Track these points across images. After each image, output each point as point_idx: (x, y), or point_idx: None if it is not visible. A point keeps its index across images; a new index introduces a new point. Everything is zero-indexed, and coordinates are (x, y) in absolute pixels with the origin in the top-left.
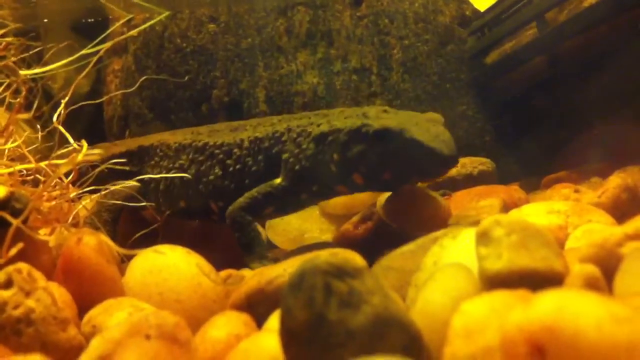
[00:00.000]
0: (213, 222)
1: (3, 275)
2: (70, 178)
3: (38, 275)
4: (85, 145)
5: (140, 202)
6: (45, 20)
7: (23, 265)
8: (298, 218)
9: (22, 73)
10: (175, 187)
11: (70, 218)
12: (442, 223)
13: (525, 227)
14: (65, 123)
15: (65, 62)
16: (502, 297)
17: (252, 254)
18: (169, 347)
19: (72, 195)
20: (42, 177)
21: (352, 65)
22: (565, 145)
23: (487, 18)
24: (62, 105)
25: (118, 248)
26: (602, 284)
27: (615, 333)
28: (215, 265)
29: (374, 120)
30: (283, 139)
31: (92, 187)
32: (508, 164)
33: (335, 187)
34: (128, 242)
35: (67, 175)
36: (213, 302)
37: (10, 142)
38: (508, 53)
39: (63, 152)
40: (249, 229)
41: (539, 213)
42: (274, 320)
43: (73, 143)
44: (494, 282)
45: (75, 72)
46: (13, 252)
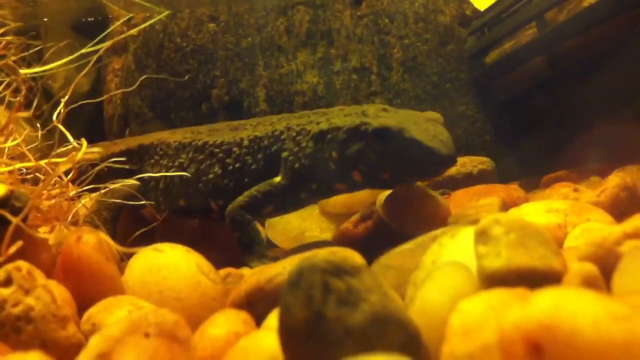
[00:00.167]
0: (212, 220)
1: (3, 273)
2: (70, 176)
3: (37, 273)
4: (85, 144)
5: (140, 200)
6: (46, 19)
7: (22, 263)
8: (298, 217)
9: (22, 72)
10: (175, 185)
11: (70, 216)
12: (441, 222)
13: (524, 225)
14: (65, 122)
15: (65, 61)
16: (500, 295)
17: (251, 253)
18: (168, 345)
19: (71, 194)
20: (41, 175)
21: (352, 65)
22: (565, 145)
23: (487, 18)
24: (62, 104)
25: (117, 246)
26: (600, 283)
27: (613, 331)
28: (215, 264)
29: (373, 119)
30: (282, 138)
31: (91, 185)
32: (508, 163)
33: (335, 185)
34: (127, 240)
35: (66, 174)
36: (212, 300)
37: (10, 140)
38: (508, 53)
39: (63, 150)
40: (249, 228)
41: (538, 212)
42: (273, 319)
43: (73, 142)
44: (493, 280)
45: (75, 71)
46: (12, 250)
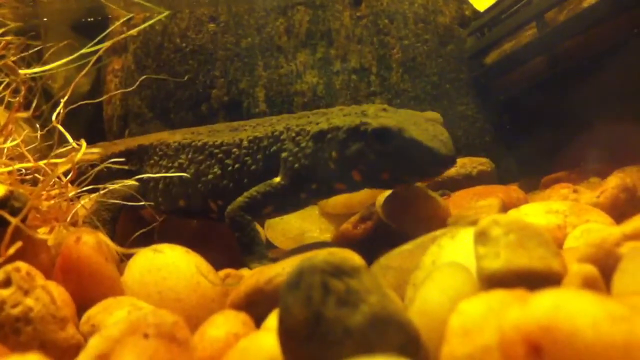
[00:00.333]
0: (212, 221)
1: (2, 274)
2: (69, 177)
3: (37, 274)
4: (84, 145)
5: (139, 201)
6: (45, 20)
7: (22, 264)
8: (297, 218)
9: (21, 72)
10: (175, 186)
11: (69, 217)
12: (440, 223)
13: (523, 226)
14: (65, 122)
15: (65, 61)
16: (499, 296)
17: (251, 254)
18: (168, 346)
19: (71, 195)
20: (41, 176)
21: (351, 65)
22: (565, 146)
23: (486, 18)
24: (61, 105)
25: (117, 247)
26: (600, 284)
27: (612, 332)
28: (214, 265)
29: (373, 119)
30: (282, 138)
31: (91, 186)
32: (507, 164)
33: (334, 185)
34: (127, 241)
35: (66, 174)
36: (212, 301)
37: (10, 141)
38: (507, 53)
39: (62, 151)
40: (248, 229)
41: (538, 213)
42: (273, 320)
43: (72, 142)
44: (492, 281)
45: (75, 71)
46: (12, 251)
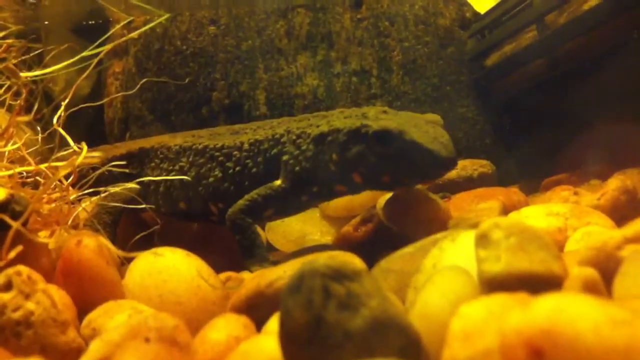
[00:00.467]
0: (213, 224)
1: (3, 278)
2: (70, 180)
3: (38, 278)
4: (85, 148)
5: (140, 204)
6: (46, 23)
7: (23, 268)
8: (298, 220)
9: (22, 75)
10: (176, 189)
11: (70, 220)
12: (441, 225)
13: (524, 229)
14: (66, 125)
15: (66, 64)
16: (500, 300)
17: (252, 257)
18: (169, 349)
19: (72, 198)
20: (42, 179)
21: (352, 68)
22: (565, 147)
23: (487, 20)
24: (62, 107)
25: (118, 250)
26: (601, 287)
27: (614, 336)
28: (215, 268)
29: (374, 121)
30: (282, 141)
31: (92, 189)
32: (508, 166)
33: (335, 187)
34: (128, 244)
35: (67, 178)
36: (213, 304)
37: (11, 144)
38: (508, 55)
39: (63, 154)
40: (249, 232)
41: (538, 215)
42: (274, 323)
43: (73, 145)
44: (493, 284)
45: (76, 74)
46: (13, 254)
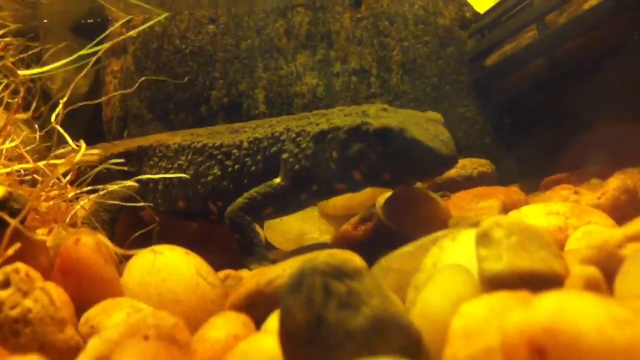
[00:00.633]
0: (212, 222)
1: (1, 275)
2: (68, 178)
3: (36, 276)
4: (84, 146)
5: (139, 202)
6: (45, 21)
7: (21, 265)
8: (297, 219)
9: (20, 73)
10: (174, 187)
11: (68, 218)
12: (441, 224)
13: (525, 228)
14: (64, 123)
15: (64, 62)
16: (502, 298)
17: (251, 255)
18: (168, 348)
19: (70, 196)
20: (40, 177)
21: (351, 67)
22: (565, 147)
23: (487, 20)
24: (60, 106)
25: (116, 248)
26: (602, 286)
27: (616, 335)
28: (214, 266)
29: (374, 119)
30: (282, 139)
31: (90, 187)
32: (508, 166)
33: (335, 185)
34: (126, 242)
35: (65, 176)
36: (212, 302)
37: (9, 142)
38: (508, 55)
39: (61, 152)
40: (248, 230)
41: (539, 214)
42: (273, 321)
43: (71, 143)
44: (494, 283)
45: (74, 72)
46: (11, 252)
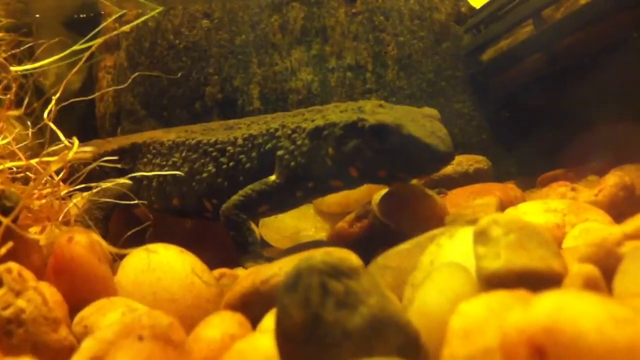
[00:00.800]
0: (207, 220)
1: None
2: (61, 175)
3: (28, 275)
4: (77, 143)
5: (133, 200)
6: (37, 16)
7: (13, 265)
8: (292, 216)
9: (12, 69)
10: (169, 185)
11: (61, 216)
12: (438, 221)
13: (524, 226)
14: (57, 120)
15: (57, 58)
16: (500, 297)
17: (246, 253)
18: (163, 347)
19: (63, 193)
20: (32, 174)
21: (347, 62)
22: (563, 144)
23: (483, 15)
24: (53, 102)
25: (110, 247)
26: (601, 285)
27: (616, 335)
28: (209, 264)
29: (370, 115)
30: (277, 135)
31: (83, 184)
32: (504, 162)
33: (331, 182)
34: (120, 240)
35: (58, 173)
36: (207, 301)
37: (1, 139)
38: (504, 50)
39: (54, 149)
40: (244, 228)
41: (536, 211)
42: (269, 321)
43: (64, 140)
44: (492, 282)
45: (67, 68)
46: (3, 251)
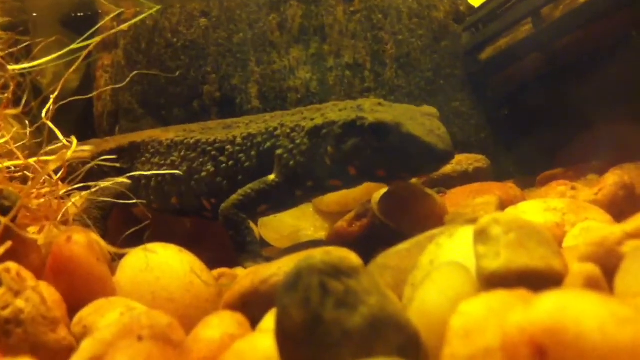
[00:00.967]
0: (206, 219)
1: None
2: (60, 175)
3: (27, 275)
4: (75, 142)
5: (131, 199)
6: (34, 15)
7: (12, 265)
8: (292, 216)
9: (10, 68)
10: (167, 184)
11: (60, 216)
12: (437, 221)
13: (524, 225)
14: (55, 119)
15: (55, 56)
16: (501, 297)
17: (245, 252)
18: (162, 348)
19: (61, 193)
20: (31, 174)
21: (345, 61)
22: (562, 142)
23: (481, 14)
24: (51, 101)
25: (109, 246)
26: (602, 284)
27: (618, 334)
28: (208, 264)
29: (369, 114)
30: (276, 134)
31: (82, 184)
32: (503, 161)
33: (330, 181)
34: (118, 240)
35: (56, 172)
36: (206, 301)
37: None
38: (503, 49)
39: (52, 148)
40: (243, 227)
41: (536, 210)
42: (269, 321)
43: (62, 139)
44: (492, 281)
45: (65, 67)
46: (2, 250)
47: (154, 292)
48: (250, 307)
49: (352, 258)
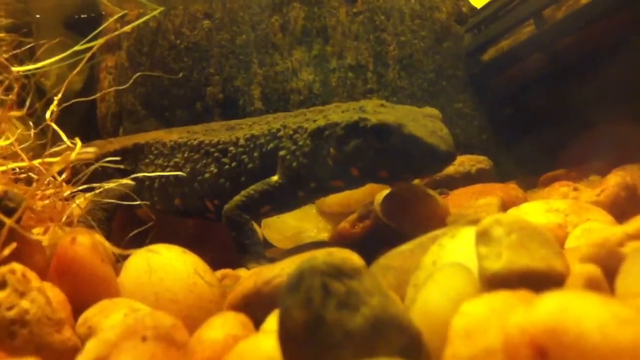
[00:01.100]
0: (209, 220)
1: None
2: (64, 176)
3: (32, 276)
4: (79, 143)
5: (135, 200)
6: (38, 16)
7: (17, 266)
8: (294, 217)
9: (14, 69)
10: (171, 185)
11: (64, 217)
12: (440, 222)
13: (525, 226)
14: (59, 120)
15: (58, 58)
16: (503, 297)
17: (248, 254)
18: (166, 348)
19: (65, 194)
20: (35, 175)
21: (348, 62)
22: (564, 143)
23: (483, 15)
24: (54, 102)
25: (113, 247)
26: (603, 285)
27: (619, 335)
28: (211, 265)
29: (372, 115)
30: (279, 136)
31: (86, 185)
32: (506, 162)
33: (333, 182)
34: (122, 241)
35: (60, 174)
36: (209, 302)
37: (3, 139)
38: (505, 50)
39: (56, 150)
40: (246, 228)
41: (538, 212)
42: (272, 321)
43: (66, 141)
44: (494, 282)
45: (68, 68)
46: (6, 252)
47: (158, 293)
48: (253, 308)
49: (354, 259)
